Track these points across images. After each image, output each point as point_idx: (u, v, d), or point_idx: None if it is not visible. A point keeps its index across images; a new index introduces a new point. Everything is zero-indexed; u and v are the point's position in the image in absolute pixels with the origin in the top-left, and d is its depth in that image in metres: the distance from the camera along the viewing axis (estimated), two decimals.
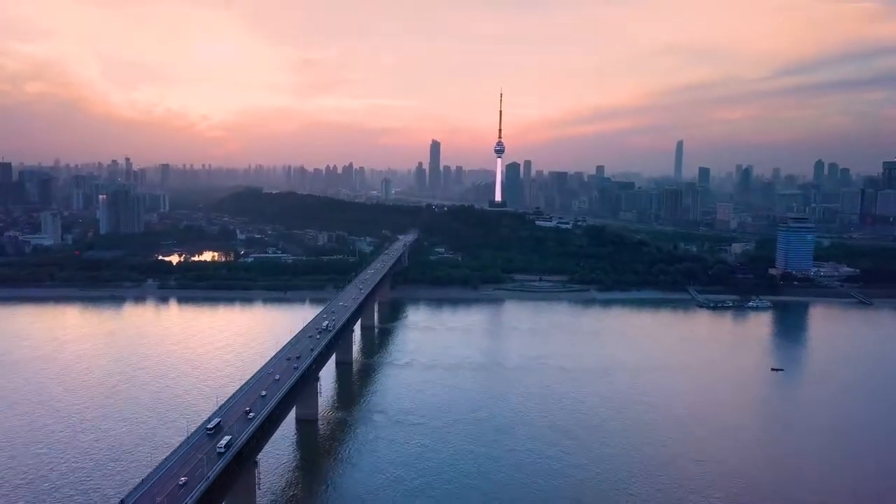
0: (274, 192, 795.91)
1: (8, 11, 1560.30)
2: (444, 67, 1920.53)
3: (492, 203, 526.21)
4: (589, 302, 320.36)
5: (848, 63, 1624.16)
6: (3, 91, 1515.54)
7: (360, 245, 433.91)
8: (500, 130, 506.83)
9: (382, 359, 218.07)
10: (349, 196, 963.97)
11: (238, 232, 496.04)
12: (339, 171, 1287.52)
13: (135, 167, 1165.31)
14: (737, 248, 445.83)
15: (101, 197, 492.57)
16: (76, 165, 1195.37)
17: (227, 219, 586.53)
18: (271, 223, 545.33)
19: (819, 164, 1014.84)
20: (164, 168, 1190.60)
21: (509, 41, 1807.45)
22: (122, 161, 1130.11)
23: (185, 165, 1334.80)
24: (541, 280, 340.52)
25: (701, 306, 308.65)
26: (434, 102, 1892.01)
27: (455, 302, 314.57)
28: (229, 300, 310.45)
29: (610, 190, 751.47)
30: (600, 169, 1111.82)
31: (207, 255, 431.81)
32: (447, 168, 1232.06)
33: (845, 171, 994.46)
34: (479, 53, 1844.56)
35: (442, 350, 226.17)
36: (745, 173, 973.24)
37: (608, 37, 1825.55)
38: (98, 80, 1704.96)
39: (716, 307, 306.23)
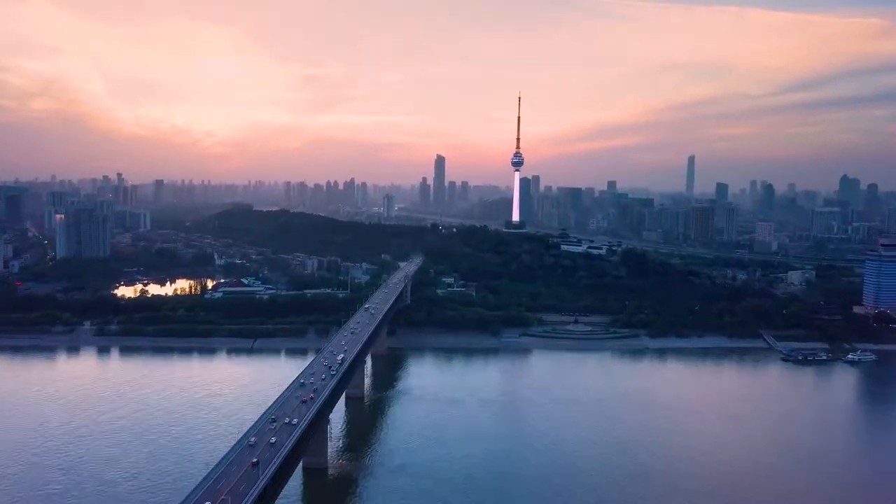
0: (265, 209, 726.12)
1: (13, 29, 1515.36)
2: (448, 85, 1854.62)
3: (509, 224, 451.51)
4: (639, 352, 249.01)
5: (852, 80, 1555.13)
6: (8, 108, 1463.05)
7: (354, 273, 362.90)
8: (517, 139, 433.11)
9: (380, 461, 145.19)
10: (349, 213, 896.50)
11: (216, 256, 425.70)
12: (341, 186, 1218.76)
13: (130, 183, 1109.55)
14: (794, 276, 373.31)
15: (57, 217, 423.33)
16: (68, 181, 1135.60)
17: (208, 240, 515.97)
18: (257, 245, 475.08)
19: (845, 180, 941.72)
20: (158, 184, 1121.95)
21: (511, 59, 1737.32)
22: (113, 176, 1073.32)
23: (183, 181, 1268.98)
24: (576, 322, 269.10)
25: (786, 359, 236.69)
26: (437, 119, 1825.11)
27: (470, 352, 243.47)
28: (185, 351, 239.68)
29: (630, 207, 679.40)
30: (612, 185, 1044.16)
31: (177, 285, 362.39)
32: (452, 184, 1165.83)
33: (873, 186, 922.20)
34: (482, 71, 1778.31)
35: (478, 450, 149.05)
36: (768, 189, 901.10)
37: (609, 54, 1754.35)
38: (103, 97, 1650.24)
39: (805, 360, 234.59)
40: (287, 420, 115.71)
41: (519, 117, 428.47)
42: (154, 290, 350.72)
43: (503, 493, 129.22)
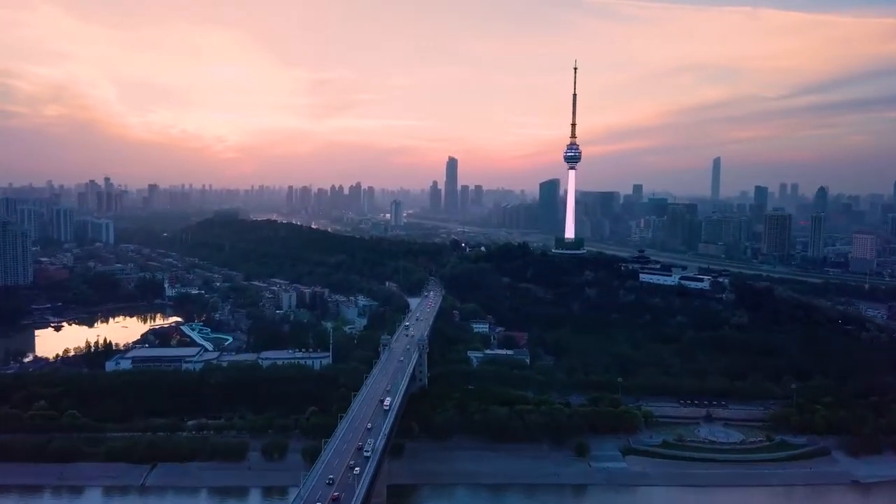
0: (252, 218, 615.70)
1: (23, 34, 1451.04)
2: (458, 88, 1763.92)
3: (560, 242, 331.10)
4: (827, 485, 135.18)
5: (867, 81, 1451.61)
6: (20, 113, 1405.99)
7: (345, 312, 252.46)
8: (573, 125, 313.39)
9: None
10: (353, 221, 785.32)
11: (167, 285, 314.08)
12: (346, 191, 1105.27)
13: (125, 187, 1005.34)
14: None
15: None
16: (60, 185, 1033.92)
17: (170, 259, 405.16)
18: (229, 266, 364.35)
19: None
20: (152, 189, 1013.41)
21: (521, 62, 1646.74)
22: (110, 181, 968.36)
23: (184, 185, 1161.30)
24: (709, 417, 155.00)
25: None
26: (448, 123, 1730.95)
27: (532, 489, 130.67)
28: (29, 491, 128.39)
29: (680, 215, 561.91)
30: (637, 188, 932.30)
31: (110, 326, 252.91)
32: (465, 188, 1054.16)
33: None
34: (492, 75, 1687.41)
35: None
36: (822, 193, 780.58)
37: (620, 57, 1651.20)
38: (114, 103, 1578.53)
39: None
40: None
41: (575, 94, 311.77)
42: (64, 336, 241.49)
43: None
